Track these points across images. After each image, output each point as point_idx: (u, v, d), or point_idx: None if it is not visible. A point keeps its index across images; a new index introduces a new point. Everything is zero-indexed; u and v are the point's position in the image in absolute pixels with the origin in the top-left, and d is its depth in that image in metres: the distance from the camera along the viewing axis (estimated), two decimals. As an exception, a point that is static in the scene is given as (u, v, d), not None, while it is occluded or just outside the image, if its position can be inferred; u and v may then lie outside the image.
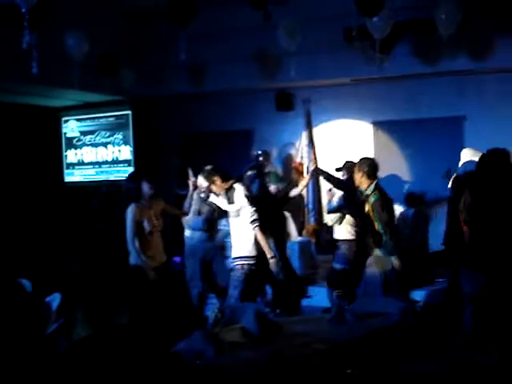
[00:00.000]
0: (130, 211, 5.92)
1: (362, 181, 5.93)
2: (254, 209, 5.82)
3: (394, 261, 5.51)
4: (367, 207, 5.86)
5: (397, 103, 9.16)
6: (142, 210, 6.00)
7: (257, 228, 5.75)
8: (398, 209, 8.41)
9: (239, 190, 5.94)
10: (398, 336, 3.85)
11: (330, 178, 6.79)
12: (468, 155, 6.31)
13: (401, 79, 8.96)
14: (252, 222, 5.80)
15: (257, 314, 4.27)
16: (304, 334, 4.00)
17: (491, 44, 7.99)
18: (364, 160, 6.12)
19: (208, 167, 6.28)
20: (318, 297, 6.97)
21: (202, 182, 6.54)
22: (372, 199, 5.77)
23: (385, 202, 5.77)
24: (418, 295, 6.10)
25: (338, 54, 8.33)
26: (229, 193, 5.98)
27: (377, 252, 5.78)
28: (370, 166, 5.95)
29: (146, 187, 6.08)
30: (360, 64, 8.19)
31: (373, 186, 5.85)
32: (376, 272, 5.74)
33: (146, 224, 5.92)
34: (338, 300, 4.43)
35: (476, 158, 5.39)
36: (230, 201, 5.96)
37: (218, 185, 6.00)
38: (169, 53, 8.56)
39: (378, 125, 9.41)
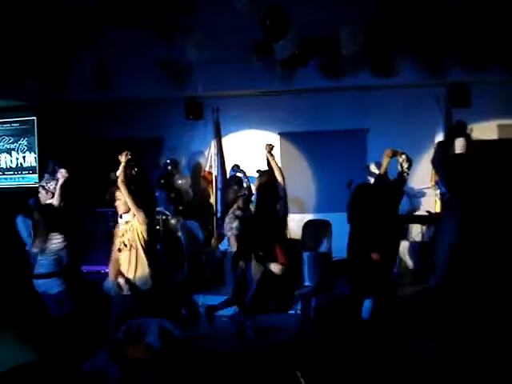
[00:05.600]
0: None
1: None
2: None
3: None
4: None
5: (303, 115, 9.45)
6: None
7: None
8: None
9: None
10: (296, 348, 4.02)
11: None
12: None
13: (307, 92, 9.26)
14: None
15: (161, 330, 4.31)
16: (207, 349, 4.10)
17: (393, 61, 8.38)
18: None
19: None
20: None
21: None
22: None
23: None
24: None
25: (248, 66, 8.45)
26: None
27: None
28: None
29: None
30: (267, 77, 8.37)
31: None
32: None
33: None
34: (240, 316, 4.54)
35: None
36: None
37: None
38: (76, 59, 8.50)
39: (284, 136, 9.67)
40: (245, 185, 7.43)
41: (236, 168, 8.41)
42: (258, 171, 6.88)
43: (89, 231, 9.37)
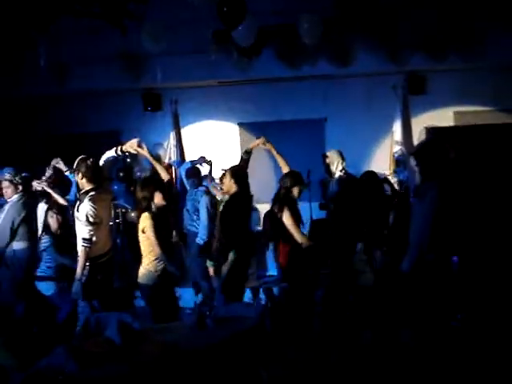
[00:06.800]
0: None
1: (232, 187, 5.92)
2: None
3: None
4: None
5: (262, 105, 9.45)
6: None
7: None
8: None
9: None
10: (255, 339, 4.03)
11: None
12: None
13: (266, 82, 9.25)
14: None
15: (120, 324, 4.27)
16: (166, 342, 4.07)
17: (352, 50, 8.40)
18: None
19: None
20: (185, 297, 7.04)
21: None
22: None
23: None
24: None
25: (205, 57, 8.38)
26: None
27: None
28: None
29: None
30: (226, 67, 8.32)
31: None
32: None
33: None
34: (200, 306, 4.52)
35: None
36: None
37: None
38: (30, 52, 8.30)
39: (243, 126, 9.65)
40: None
41: (202, 159, 8.16)
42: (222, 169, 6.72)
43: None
